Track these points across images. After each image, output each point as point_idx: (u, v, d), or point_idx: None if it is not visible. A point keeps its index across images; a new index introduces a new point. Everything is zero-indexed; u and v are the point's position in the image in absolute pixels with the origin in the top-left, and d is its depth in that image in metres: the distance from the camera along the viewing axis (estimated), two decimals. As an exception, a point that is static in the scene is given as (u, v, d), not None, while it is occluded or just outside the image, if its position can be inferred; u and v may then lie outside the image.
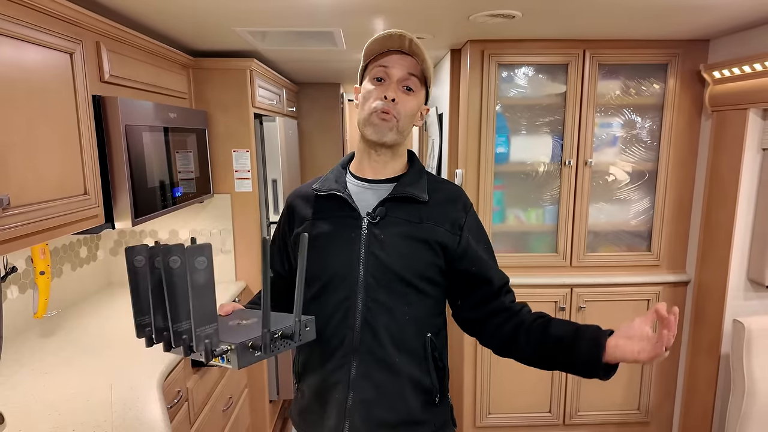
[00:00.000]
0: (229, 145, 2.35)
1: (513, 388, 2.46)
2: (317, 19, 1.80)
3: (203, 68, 2.27)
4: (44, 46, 1.24)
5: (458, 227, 1.07)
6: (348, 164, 1.15)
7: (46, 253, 1.66)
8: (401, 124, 1.03)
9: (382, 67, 1.03)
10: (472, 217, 1.10)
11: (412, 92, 1.04)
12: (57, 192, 1.28)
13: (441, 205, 1.08)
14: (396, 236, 1.03)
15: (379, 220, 1.04)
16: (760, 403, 1.84)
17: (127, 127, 1.53)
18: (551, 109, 2.29)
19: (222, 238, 2.42)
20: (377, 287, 1.02)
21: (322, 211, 1.08)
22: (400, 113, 1.02)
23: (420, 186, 1.08)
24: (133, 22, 1.76)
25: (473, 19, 1.79)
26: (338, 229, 1.05)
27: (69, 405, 1.30)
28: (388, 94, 1.01)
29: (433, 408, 1.09)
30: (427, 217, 1.05)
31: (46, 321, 1.85)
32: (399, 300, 1.02)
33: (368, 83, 1.05)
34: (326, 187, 1.08)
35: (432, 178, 1.13)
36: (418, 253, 1.03)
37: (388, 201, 1.05)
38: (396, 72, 1.02)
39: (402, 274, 1.02)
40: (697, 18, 1.80)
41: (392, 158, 1.09)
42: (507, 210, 2.41)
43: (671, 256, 2.39)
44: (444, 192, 1.11)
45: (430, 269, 1.04)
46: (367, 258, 1.02)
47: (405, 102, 1.03)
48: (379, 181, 1.09)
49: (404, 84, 1.03)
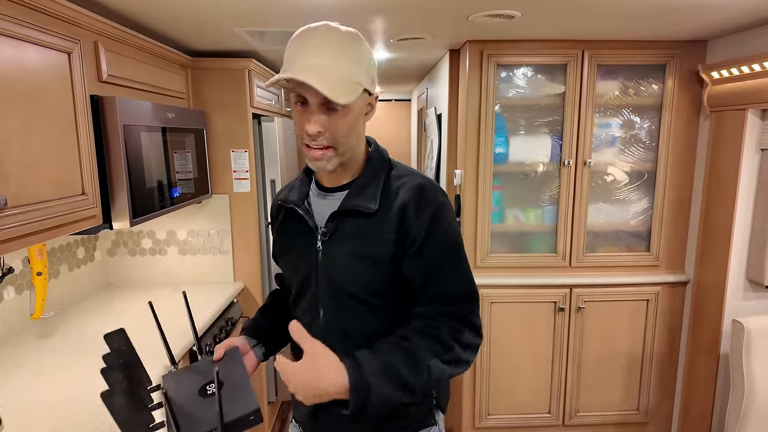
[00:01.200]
0: (227, 145, 2.34)
1: (512, 389, 2.46)
2: (316, 19, 1.77)
3: (201, 68, 2.26)
4: (42, 45, 1.23)
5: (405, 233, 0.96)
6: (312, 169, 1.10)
7: (43, 254, 1.65)
8: (339, 148, 0.93)
9: (296, 94, 0.90)
10: (429, 217, 0.96)
11: (339, 111, 0.90)
12: (55, 192, 1.27)
13: (390, 211, 0.97)
14: (344, 254, 0.99)
15: (329, 237, 1.00)
16: (759, 403, 1.84)
17: (125, 127, 1.52)
18: (550, 109, 2.29)
19: (220, 239, 2.41)
20: (332, 302, 1.01)
21: (289, 222, 1.09)
22: (333, 139, 0.92)
23: (369, 194, 0.98)
24: (131, 22, 1.76)
25: (473, 19, 1.79)
26: (300, 242, 1.05)
27: (66, 407, 1.29)
28: (309, 129, 0.90)
29: (411, 406, 1.04)
30: (375, 230, 0.97)
31: (43, 322, 1.84)
32: (354, 315, 1.00)
33: (293, 105, 0.94)
34: (290, 198, 1.07)
35: (394, 175, 1.02)
36: (364, 272, 0.97)
37: (338, 215, 0.99)
38: (312, 100, 0.89)
39: (353, 291, 0.99)
40: (695, 18, 1.80)
41: (345, 169, 1.00)
42: (506, 210, 2.41)
43: (670, 256, 2.39)
44: (399, 192, 0.98)
45: (380, 285, 0.98)
46: (322, 275, 1.01)
47: (333, 126, 0.91)
48: (334, 189, 1.03)
49: (327, 105, 0.89)
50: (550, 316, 2.39)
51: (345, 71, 0.89)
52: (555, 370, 2.45)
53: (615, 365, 2.46)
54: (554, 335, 2.41)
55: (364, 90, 0.93)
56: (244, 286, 2.46)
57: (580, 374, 2.45)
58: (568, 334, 2.41)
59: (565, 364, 2.44)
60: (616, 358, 2.45)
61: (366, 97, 0.95)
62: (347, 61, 0.90)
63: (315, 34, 0.91)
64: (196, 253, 2.42)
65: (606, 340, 2.43)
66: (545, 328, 2.40)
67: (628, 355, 2.45)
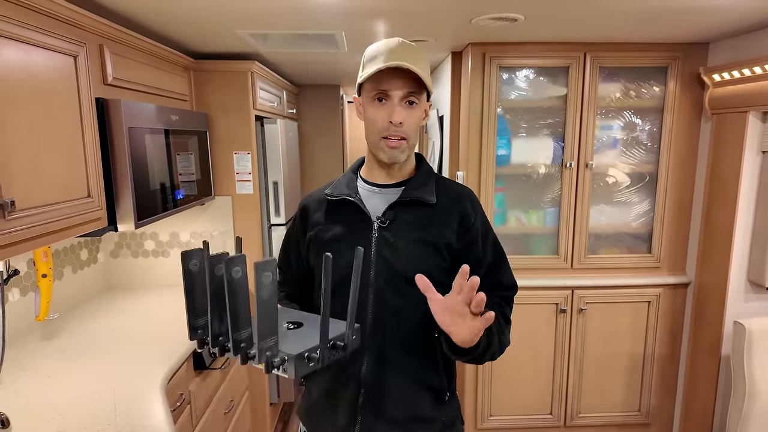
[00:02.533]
0: (230, 147, 2.34)
1: (514, 390, 2.46)
2: (319, 22, 1.81)
3: (204, 70, 2.27)
4: (48, 48, 1.24)
5: (466, 228, 1.08)
6: (359, 169, 1.18)
7: (48, 256, 1.65)
8: (411, 141, 1.06)
9: (381, 91, 1.02)
10: (480, 218, 1.12)
11: (416, 105, 1.04)
12: (61, 195, 1.28)
13: (449, 206, 1.09)
14: (405, 240, 1.05)
15: (388, 224, 1.06)
16: (760, 404, 1.85)
17: (130, 129, 1.53)
18: (552, 111, 2.30)
19: (223, 240, 2.42)
20: (387, 289, 1.05)
21: (334, 215, 1.11)
22: (408, 132, 1.04)
23: (428, 188, 1.09)
24: (135, 25, 1.76)
25: (476, 22, 1.80)
26: (350, 232, 1.08)
27: (72, 409, 1.29)
28: (394, 119, 1.01)
29: (442, 405, 1.12)
30: (436, 220, 1.07)
31: (47, 324, 1.85)
32: (407, 301, 1.04)
33: (370, 103, 1.05)
34: (338, 192, 1.12)
35: (441, 179, 1.15)
36: (425, 256, 1.05)
37: (397, 205, 1.07)
38: (396, 93, 1.01)
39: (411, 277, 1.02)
40: (697, 21, 1.81)
41: (402, 166, 1.11)
42: (508, 212, 2.42)
43: (672, 257, 2.40)
44: (452, 193, 1.12)
45: (437, 272, 1.05)
46: (377, 260, 1.05)
47: (410, 119, 1.03)
48: (388, 185, 1.12)
49: (406, 99, 1.02)
50: (552, 318, 2.40)
51: (425, 74, 1.02)
52: (557, 371, 2.45)
53: (616, 366, 2.47)
54: (556, 337, 2.42)
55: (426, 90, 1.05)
56: (247, 288, 2.46)
57: (581, 375, 2.46)
58: (570, 336, 2.41)
59: (566, 365, 2.44)
60: (617, 359, 2.46)
61: (426, 101, 1.08)
62: (423, 68, 1.02)
63: (393, 42, 1.04)
64: (199, 255, 2.42)
65: (607, 342, 2.43)
66: (547, 329, 2.41)
67: (629, 356, 2.46)
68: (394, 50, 1.01)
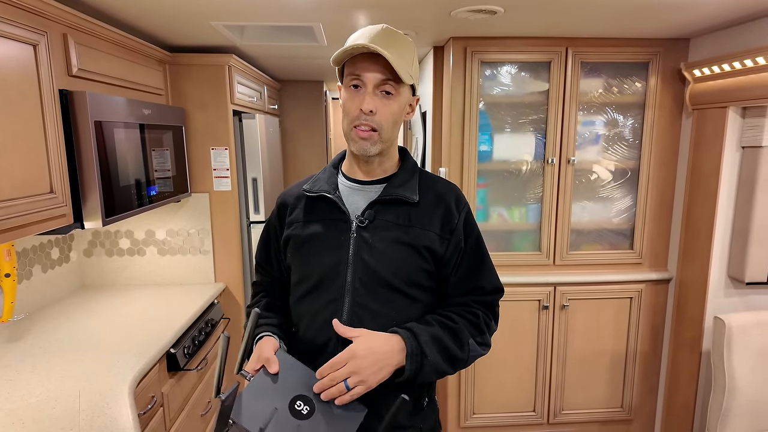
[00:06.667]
0: (207, 142, 2.29)
1: (497, 388, 2.45)
2: (296, 14, 1.76)
3: (180, 64, 2.21)
4: (4, 36, 1.18)
5: (449, 231, 1.03)
6: (339, 163, 1.12)
7: (11, 255, 1.59)
8: (383, 134, 0.99)
9: (355, 76, 0.97)
10: (464, 217, 1.06)
11: (392, 96, 0.98)
12: (20, 190, 1.22)
13: (432, 206, 1.04)
14: (384, 241, 1.01)
15: (367, 224, 1.01)
16: (740, 399, 1.85)
17: (96, 123, 1.47)
18: (534, 107, 2.28)
19: (200, 239, 2.37)
20: (364, 291, 1.00)
21: (313, 212, 1.06)
22: (381, 123, 0.98)
23: (410, 186, 1.04)
24: (106, 16, 1.70)
25: (455, 14, 1.77)
26: (328, 231, 1.03)
27: (34, 413, 1.24)
28: (364, 107, 0.96)
29: (420, 413, 1.07)
30: (417, 220, 1.02)
31: (12, 325, 1.78)
32: (385, 305, 1.00)
33: (345, 91, 1.00)
34: (317, 188, 1.06)
35: (425, 176, 1.10)
36: (406, 258, 1.01)
37: (377, 203, 1.02)
38: (370, 78, 0.96)
39: (389, 280, 1.00)
40: (677, 16, 1.80)
41: (382, 161, 1.06)
42: (490, 208, 2.40)
43: (653, 253, 2.40)
44: (437, 191, 1.07)
45: (418, 274, 1.01)
46: (355, 262, 1.00)
47: (383, 109, 0.97)
48: (369, 182, 1.06)
49: (381, 89, 0.97)
50: (535, 315, 2.38)
51: (402, 62, 0.97)
52: (539, 368, 2.44)
53: (599, 363, 2.46)
54: (538, 333, 2.40)
55: (410, 86, 1.01)
56: (226, 287, 2.42)
57: (564, 372, 2.45)
58: (553, 332, 2.40)
59: (549, 362, 2.43)
60: (600, 355, 2.45)
61: (409, 95, 1.03)
62: (403, 57, 0.97)
63: (377, 27, 0.99)
64: (176, 254, 2.37)
65: (590, 338, 2.43)
66: (529, 326, 2.40)
67: (611, 352, 2.45)
68: (375, 35, 0.96)
